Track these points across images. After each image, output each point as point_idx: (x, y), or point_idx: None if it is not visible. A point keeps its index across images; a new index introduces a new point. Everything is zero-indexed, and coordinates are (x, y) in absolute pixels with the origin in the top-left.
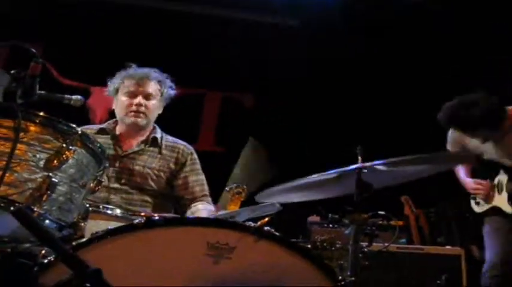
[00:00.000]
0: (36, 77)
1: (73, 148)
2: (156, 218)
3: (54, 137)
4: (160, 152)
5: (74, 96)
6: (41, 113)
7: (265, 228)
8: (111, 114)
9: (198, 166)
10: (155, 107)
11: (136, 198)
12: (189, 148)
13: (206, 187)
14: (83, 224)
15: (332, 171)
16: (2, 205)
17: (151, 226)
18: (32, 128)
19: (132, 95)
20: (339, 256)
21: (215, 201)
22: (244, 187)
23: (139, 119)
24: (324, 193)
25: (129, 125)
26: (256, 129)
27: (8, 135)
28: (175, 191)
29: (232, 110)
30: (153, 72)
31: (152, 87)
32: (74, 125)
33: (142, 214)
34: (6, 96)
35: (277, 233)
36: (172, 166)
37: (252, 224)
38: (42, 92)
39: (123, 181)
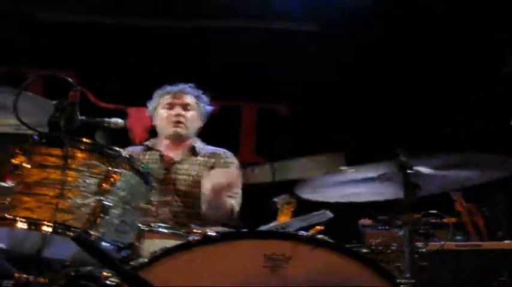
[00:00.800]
0: (76, 105)
1: (120, 170)
2: (211, 233)
3: (101, 162)
4: (200, 160)
5: (113, 119)
6: (86, 140)
7: (319, 236)
8: (151, 133)
9: (232, 166)
10: (193, 117)
11: (185, 210)
12: (228, 153)
13: (238, 190)
14: (139, 244)
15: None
16: (61, 231)
17: (206, 242)
18: (79, 155)
19: (171, 106)
20: (396, 259)
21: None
22: (293, 199)
23: (179, 129)
24: (365, 191)
25: (171, 136)
26: (294, 137)
27: (57, 163)
28: None
29: (269, 121)
30: (188, 87)
31: (189, 99)
32: (118, 149)
33: (197, 231)
34: (51, 126)
35: (331, 241)
36: (209, 170)
37: (305, 233)
38: (83, 117)
39: (169, 193)
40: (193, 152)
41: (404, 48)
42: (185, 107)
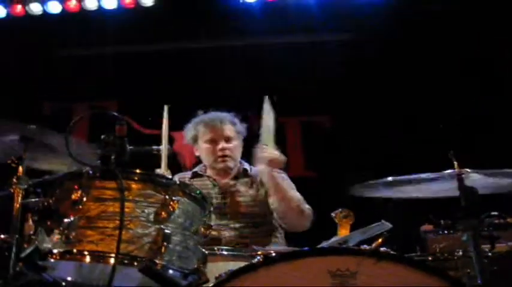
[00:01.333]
0: (124, 138)
1: (176, 198)
2: (273, 254)
3: (156, 191)
4: (252, 181)
5: (160, 147)
6: (138, 171)
7: (382, 249)
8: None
9: (289, 181)
10: (236, 146)
11: (246, 230)
12: (280, 171)
13: (301, 198)
14: (203, 268)
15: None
16: (126, 261)
17: (270, 262)
18: (134, 186)
19: (213, 141)
20: (464, 264)
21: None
22: (351, 212)
23: (228, 163)
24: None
25: (220, 170)
26: (340, 148)
27: (114, 196)
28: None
29: (313, 133)
30: (225, 116)
31: (229, 129)
32: (170, 177)
33: (260, 252)
34: (103, 160)
35: (395, 253)
36: (263, 187)
37: (367, 247)
38: (131, 147)
39: (229, 216)
40: (245, 173)
41: (446, 52)
42: (228, 140)
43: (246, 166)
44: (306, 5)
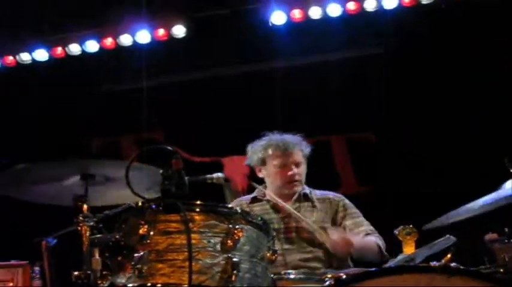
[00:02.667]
0: (182, 171)
1: (239, 226)
2: (344, 276)
3: (219, 221)
4: (313, 206)
5: (214, 175)
6: (199, 202)
7: (452, 264)
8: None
9: (353, 210)
10: (304, 171)
11: (310, 255)
12: (338, 196)
13: (367, 227)
14: None
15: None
16: None
17: (341, 285)
18: (197, 217)
19: (284, 166)
20: None
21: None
22: (414, 229)
23: (297, 188)
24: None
25: (289, 194)
26: (389, 162)
27: (179, 228)
28: None
29: (359, 150)
30: (296, 140)
31: (299, 155)
32: (231, 206)
33: (330, 275)
34: (164, 194)
35: (465, 268)
36: (328, 215)
37: (437, 263)
38: (187, 177)
39: (293, 241)
40: (306, 198)
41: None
42: (298, 165)
43: (307, 189)
44: (334, 22)
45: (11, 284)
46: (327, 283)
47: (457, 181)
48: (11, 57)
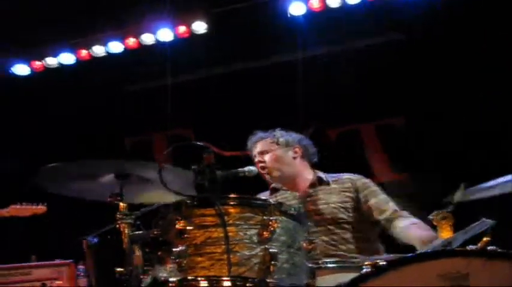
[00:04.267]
0: (213, 165)
1: (274, 217)
2: (382, 263)
3: (254, 213)
4: (330, 188)
5: (246, 168)
6: (233, 195)
7: (489, 248)
8: None
9: (374, 188)
10: (272, 157)
11: (337, 237)
12: (355, 176)
13: (393, 204)
14: (313, 283)
15: None
16: (239, 283)
17: (379, 272)
18: (232, 210)
19: (256, 161)
20: None
21: None
22: (449, 213)
23: (268, 176)
24: None
25: (274, 184)
26: (419, 148)
27: (215, 222)
28: (369, 219)
29: (390, 136)
30: (260, 134)
31: (263, 144)
32: (264, 197)
33: (367, 262)
34: (198, 189)
35: (503, 251)
36: (349, 194)
37: (474, 247)
38: (219, 172)
39: (317, 223)
40: (321, 182)
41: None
42: (261, 153)
43: (321, 174)
44: (353, 10)
45: (57, 282)
46: (365, 270)
47: (490, 162)
48: (38, 62)
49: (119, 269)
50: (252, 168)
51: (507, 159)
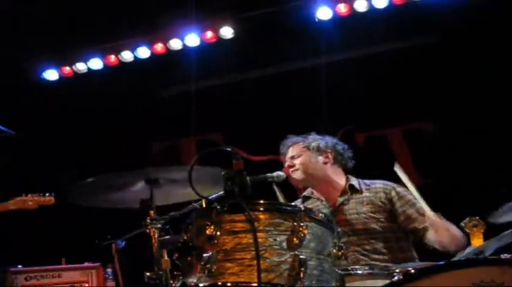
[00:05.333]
0: (243, 171)
1: (304, 223)
2: (412, 271)
3: (283, 219)
4: (362, 196)
5: (275, 173)
6: (262, 201)
7: None
8: None
9: (409, 197)
10: (303, 160)
11: (368, 247)
12: (388, 184)
13: (431, 212)
14: None
15: None
16: None
17: (410, 279)
18: (262, 216)
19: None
20: None
21: None
22: (477, 217)
23: (294, 175)
24: None
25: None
26: (445, 154)
27: (245, 227)
28: (406, 228)
29: (417, 140)
30: (292, 139)
31: (294, 149)
32: (294, 204)
33: (398, 269)
34: (228, 195)
35: None
36: (381, 205)
37: (508, 255)
38: (248, 177)
39: (349, 233)
40: (353, 190)
41: None
42: (292, 158)
43: (354, 181)
44: (381, 14)
45: (86, 285)
46: (396, 277)
47: None
48: (67, 68)
49: (148, 273)
50: (280, 173)
51: None
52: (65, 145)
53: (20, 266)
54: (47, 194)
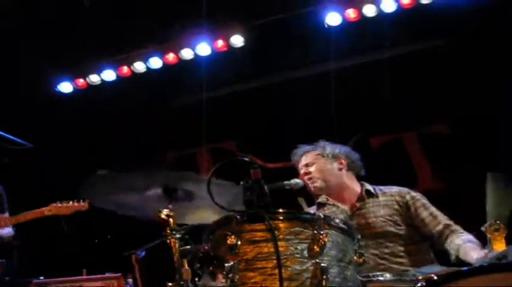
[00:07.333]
0: (261, 180)
1: (323, 231)
2: (435, 277)
3: (303, 227)
4: (379, 201)
5: (292, 181)
6: (282, 210)
7: None
8: None
9: (424, 201)
10: (317, 168)
11: (387, 250)
12: (404, 189)
13: (444, 217)
14: None
15: None
16: None
17: (432, 286)
18: (281, 225)
19: (302, 173)
20: None
21: None
22: (498, 221)
23: (313, 184)
24: None
25: (317, 196)
26: (462, 157)
27: (265, 236)
28: (422, 233)
29: (433, 143)
30: (305, 147)
31: (308, 157)
32: (313, 211)
33: (420, 277)
34: (247, 204)
35: None
36: (397, 208)
37: None
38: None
39: (367, 237)
40: (369, 194)
41: None
42: (307, 165)
43: (369, 186)
44: (390, 18)
45: None
46: (419, 284)
47: None
48: (81, 80)
49: (170, 283)
50: (297, 180)
51: None
52: (80, 156)
53: (41, 277)
54: (81, 201)
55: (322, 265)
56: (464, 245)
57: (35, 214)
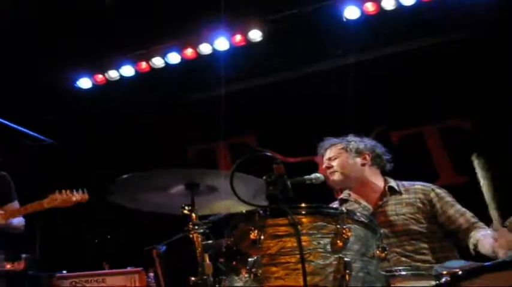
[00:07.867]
0: (284, 175)
1: (346, 226)
2: (460, 272)
3: (326, 222)
4: (402, 198)
5: (313, 175)
6: (304, 204)
7: None
8: None
9: (449, 198)
10: (340, 162)
11: (410, 248)
12: (428, 185)
13: (469, 214)
14: None
15: None
16: None
17: (457, 281)
18: (304, 220)
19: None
20: None
21: None
22: None
23: (332, 176)
24: None
25: (335, 187)
26: (485, 150)
27: (289, 231)
28: (447, 230)
29: (455, 138)
30: (330, 141)
31: (332, 150)
32: (336, 206)
33: (444, 272)
34: (270, 199)
35: None
36: (420, 206)
37: None
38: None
39: (389, 235)
40: (392, 191)
41: None
42: (330, 159)
43: (392, 182)
44: (411, 10)
45: None
46: (443, 279)
47: None
48: (100, 76)
49: (193, 278)
50: (318, 175)
51: None
52: (99, 151)
53: (64, 271)
54: (80, 191)
55: (346, 259)
56: (482, 238)
57: (35, 206)
